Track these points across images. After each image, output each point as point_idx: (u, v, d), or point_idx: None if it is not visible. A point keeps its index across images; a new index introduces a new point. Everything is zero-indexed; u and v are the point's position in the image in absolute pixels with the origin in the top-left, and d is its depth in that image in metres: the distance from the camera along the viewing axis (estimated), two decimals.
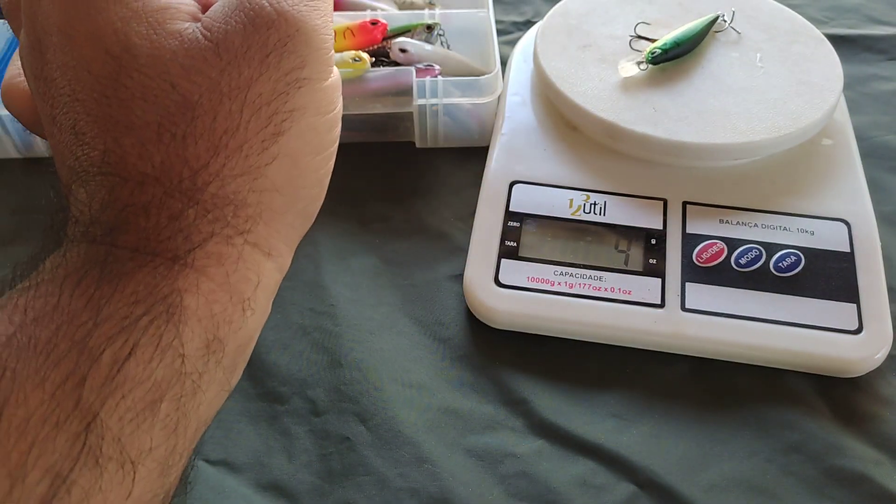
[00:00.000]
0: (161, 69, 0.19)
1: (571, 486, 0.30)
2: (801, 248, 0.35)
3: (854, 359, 0.32)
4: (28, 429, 0.16)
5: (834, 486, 0.30)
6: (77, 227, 0.19)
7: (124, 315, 0.17)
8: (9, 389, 0.16)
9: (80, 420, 0.16)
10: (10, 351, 0.16)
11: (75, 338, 0.17)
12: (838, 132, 0.40)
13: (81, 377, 0.16)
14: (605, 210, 0.37)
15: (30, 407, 0.16)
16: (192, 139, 0.19)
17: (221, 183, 0.19)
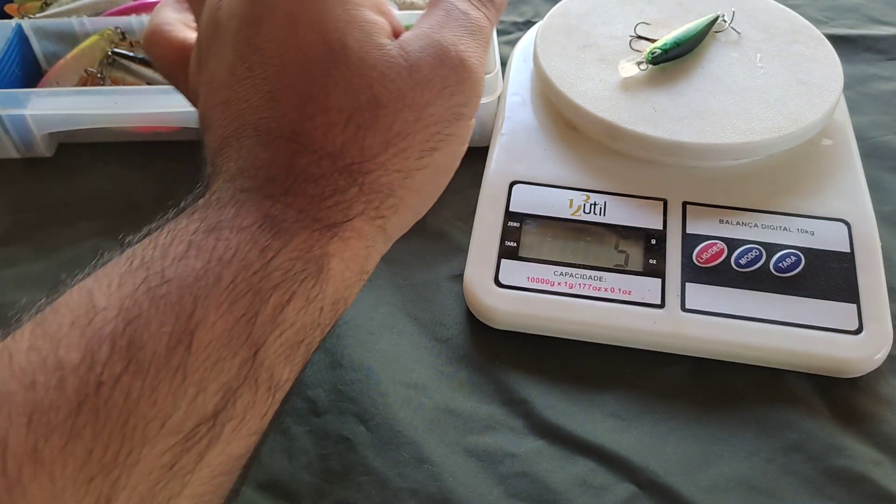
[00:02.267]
0: (364, 70, 0.22)
1: (571, 486, 0.30)
2: (801, 249, 0.35)
3: (854, 359, 0.32)
4: (213, 349, 0.19)
5: (834, 486, 0.30)
6: (244, 181, 0.22)
7: (287, 268, 0.20)
8: (200, 316, 0.19)
9: (249, 349, 0.20)
10: (201, 285, 0.19)
11: (251, 282, 0.20)
12: (838, 132, 0.40)
13: (254, 315, 0.20)
14: (605, 210, 0.37)
15: (215, 332, 0.19)
16: (372, 133, 0.22)
17: (382, 173, 0.23)
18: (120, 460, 0.17)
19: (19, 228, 0.40)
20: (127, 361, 0.18)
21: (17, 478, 0.16)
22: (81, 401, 0.17)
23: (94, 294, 0.19)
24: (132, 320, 0.18)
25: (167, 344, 0.18)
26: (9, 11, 0.49)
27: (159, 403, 0.18)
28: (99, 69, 0.45)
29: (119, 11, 0.48)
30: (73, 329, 0.18)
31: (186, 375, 0.18)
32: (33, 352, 0.18)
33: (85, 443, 0.17)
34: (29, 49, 0.46)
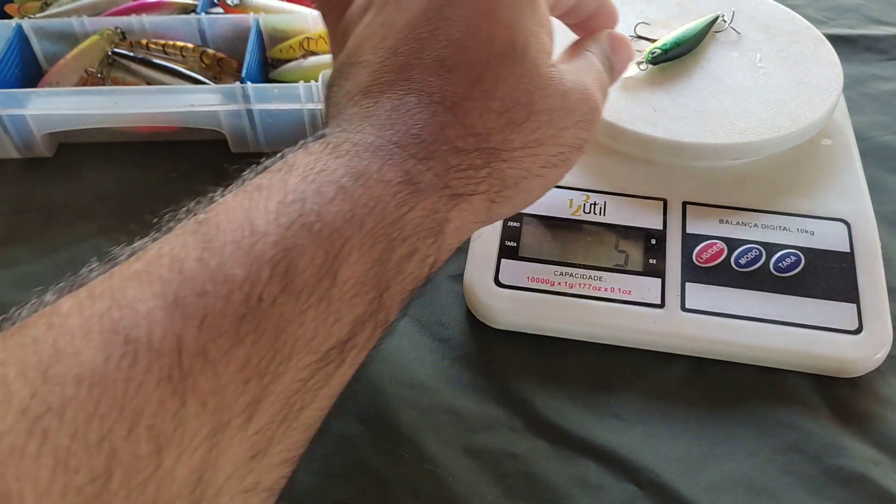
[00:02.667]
0: (533, 78, 0.26)
1: (571, 485, 0.30)
2: (800, 248, 0.35)
3: (854, 359, 0.32)
4: (351, 286, 0.21)
5: (833, 485, 0.30)
6: (393, 133, 0.24)
7: (416, 224, 0.23)
8: (345, 255, 0.21)
9: (377, 291, 0.22)
10: (347, 228, 0.21)
11: (387, 231, 0.22)
12: (838, 132, 0.40)
13: (386, 261, 0.22)
14: (605, 210, 0.37)
15: (355, 271, 0.21)
16: (518, 130, 0.25)
17: (511, 166, 0.26)
18: (271, 369, 0.20)
19: (19, 228, 0.40)
20: (283, 285, 0.20)
21: (189, 371, 0.18)
22: (244, 313, 0.19)
23: (254, 218, 0.21)
24: (290, 249, 0.20)
25: (317, 275, 0.20)
26: (9, 11, 0.49)
27: (305, 325, 0.20)
28: (99, 69, 0.45)
29: (119, 11, 0.48)
30: (237, 249, 0.20)
31: (329, 305, 0.21)
32: (201, 263, 0.20)
33: (245, 349, 0.19)
34: (29, 49, 0.46)
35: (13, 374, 0.17)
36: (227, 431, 0.19)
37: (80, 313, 0.19)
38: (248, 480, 0.20)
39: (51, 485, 0.16)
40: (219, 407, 0.19)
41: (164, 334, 0.18)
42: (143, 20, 0.46)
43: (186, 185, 0.42)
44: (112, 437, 0.17)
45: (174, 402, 0.18)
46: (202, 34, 0.46)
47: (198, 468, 0.18)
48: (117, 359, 0.18)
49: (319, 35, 0.44)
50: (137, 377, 0.18)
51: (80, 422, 0.17)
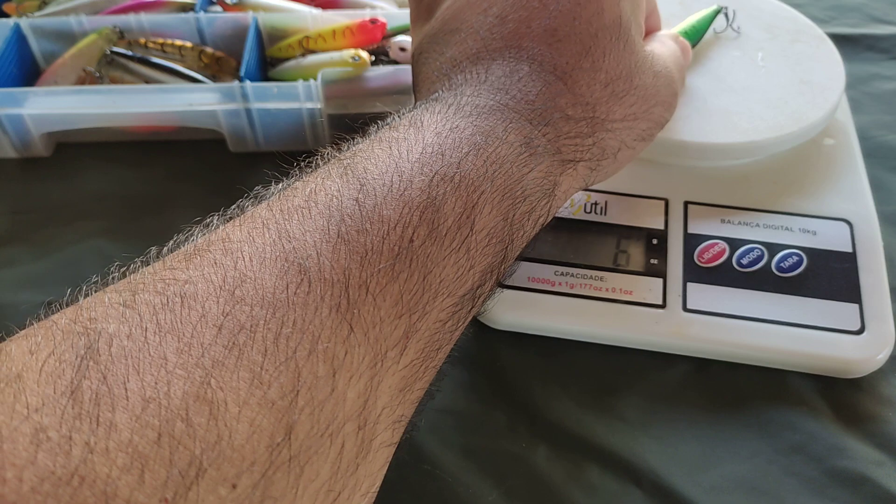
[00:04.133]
0: (633, 54, 0.28)
1: (572, 487, 0.30)
2: (803, 248, 0.35)
3: (856, 359, 0.32)
4: (484, 236, 0.23)
5: (836, 486, 0.30)
6: (509, 99, 0.26)
7: (535, 185, 0.25)
8: (480, 207, 0.23)
9: (503, 243, 0.24)
10: (481, 182, 0.23)
11: (512, 189, 0.24)
12: (840, 132, 0.40)
13: (511, 216, 0.24)
14: (606, 210, 0.36)
15: (487, 223, 0.23)
16: (619, 102, 0.28)
17: (612, 136, 0.28)
18: (419, 307, 0.21)
19: (18, 228, 0.40)
20: (430, 229, 0.21)
21: (354, 302, 0.20)
22: (398, 252, 0.21)
23: (401, 166, 0.22)
24: (435, 197, 0.22)
25: (458, 222, 0.22)
26: (7, 10, 0.49)
27: (447, 269, 0.22)
28: (97, 68, 0.44)
29: (117, 10, 0.47)
30: (389, 193, 0.21)
31: (468, 252, 0.22)
32: (358, 204, 0.21)
33: (399, 286, 0.21)
34: (27, 48, 0.45)
35: (203, 293, 0.18)
36: (384, 363, 0.20)
37: (251, 241, 0.20)
38: (398, 412, 0.22)
39: (249, 396, 0.17)
40: (378, 338, 0.20)
41: (332, 266, 0.20)
42: (142, 19, 0.45)
43: (185, 184, 0.42)
44: (297, 357, 0.18)
45: (343, 329, 0.19)
46: (201, 33, 0.46)
47: (363, 393, 0.19)
48: (295, 286, 0.19)
49: (318, 33, 0.44)
50: (313, 304, 0.19)
51: (269, 341, 0.18)
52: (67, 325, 0.18)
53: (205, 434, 0.16)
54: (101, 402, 0.16)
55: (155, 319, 0.18)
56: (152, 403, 0.16)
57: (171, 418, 0.16)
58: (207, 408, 0.17)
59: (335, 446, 0.19)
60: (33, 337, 0.17)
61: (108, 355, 0.17)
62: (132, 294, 0.18)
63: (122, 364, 0.17)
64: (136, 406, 0.16)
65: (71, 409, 0.16)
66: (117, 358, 0.17)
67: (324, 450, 0.18)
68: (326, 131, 0.42)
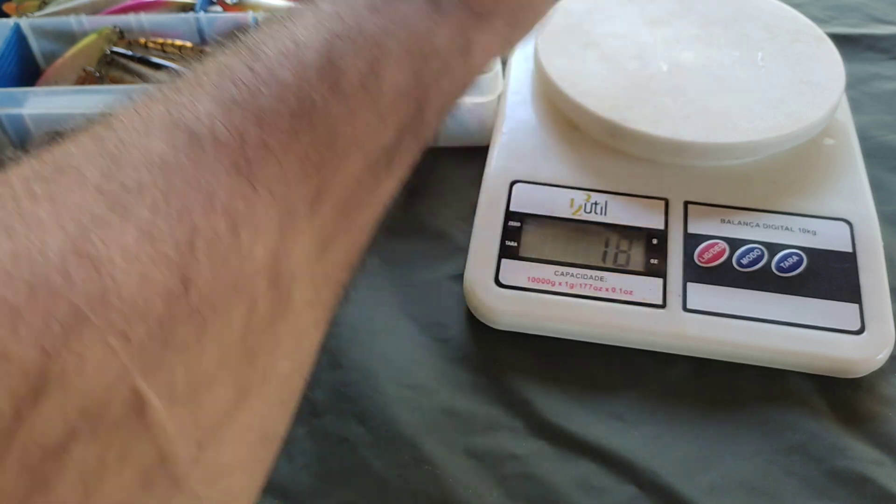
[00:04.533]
0: None
1: (572, 487, 0.30)
2: (802, 248, 0.35)
3: (856, 359, 0.32)
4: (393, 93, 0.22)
5: (836, 486, 0.30)
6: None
7: (445, 41, 0.24)
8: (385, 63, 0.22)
9: (416, 101, 0.23)
10: (383, 38, 0.22)
11: (420, 44, 0.23)
12: (840, 132, 0.40)
13: (421, 72, 0.23)
14: (607, 210, 0.36)
15: (395, 79, 0.22)
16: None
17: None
18: (327, 164, 0.21)
19: None
20: (331, 87, 0.21)
21: (253, 160, 0.19)
22: (297, 112, 0.20)
23: (296, 33, 0.22)
24: (335, 57, 0.21)
25: (361, 79, 0.21)
26: (7, 10, 0.49)
27: (356, 126, 0.21)
28: (97, 68, 0.44)
29: (117, 10, 0.47)
30: (284, 58, 0.21)
31: (376, 107, 0.22)
32: (251, 71, 0.20)
33: (303, 144, 0.20)
34: (27, 48, 0.45)
35: (83, 160, 0.17)
36: (295, 219, 0.20)
37: (136, 114, 0.19)
38: (319, 271, 0.21)
39: (139, 251, 0.16)
40: (285, 196, 0.19)
41: (225, 128, 0.19)
42: (142, 19, 0.45)
43: None
44: (191, 213, 0.17)
45: (243, 187, 0.19)
46: (201, 33, 0.46)
47: (272, 250, 0.19)
48: (184, 148, 0.18)
49: None
50: (207, 163, 0.18)
51: (158, 199, 0.17)
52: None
53: (86, 287, 0.15)
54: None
55: (28, 188, 0.17)
56: (23, 259, 0.15)
57: (47, 272, 0.15)
58: (89, 262, 0.16)
59: (243, 300, 0.18)
60: None
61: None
62: (4, 172, 0.17)
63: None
64: (4, 262, 0.15)
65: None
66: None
67: (230, 303, 0.18)
68: None
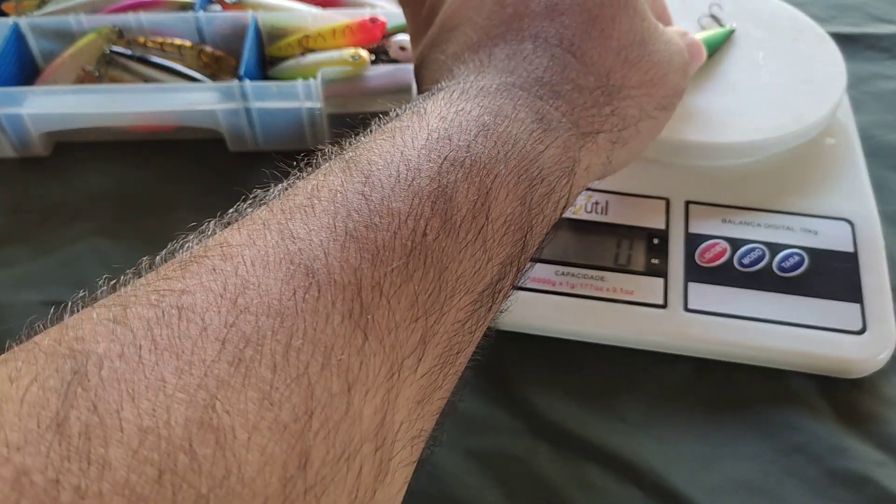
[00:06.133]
0: (641, 21, 0.27)
1: (573, 487, 0.30)
2: (804, 248, 0.35)
3: (858, 359, 0.32)
4: (501, 225, 0.21)
5: (837, 487, 0.30)
6: (515, 78, 0.25)
7: (552, 164, 0.23)
8: (495, 192, 0.21)
9: (522, 231, 0.22)
10: (494, 165, 0.21)
11: (528, 170, 0.22)
12: (841, 131, 0.40)
13: (529, 199, 0.22)
14: (607, 209, 0.36)
15: (504, 209, 0.21)
16: (634, 69, 0.27)
17: (631, 104, 0.27)
18: (436, 308, 0.19)
19: (17, 228, 0.40)
20: (443, 220, 0.20)
21: (368, 306, 0.18)
22: (411, 248, 0.19)
23: (407, 155, 0.21)
24: (446, 185, 0.20)
25: (472, 211, 0.20)
26: (6, 9, 0.49)
27: (464, 263, 0.20)
28: (96, 67, 0.44)
29: (116, 9, 0.47)
30: (397, 183, 0.20)
31: (485, 243, 0.21)
32: (364, 197, 0.19)
33: (414, 285, 0.19)
34: (26, 47, 0.45)
35: (202, 304, 0.16)
36: (402, 372, 0.18)
37: (252, 244, 0.18)
38: (416, 426, 0.20)
39: (259, 420, 0.15)
40: (394, 345, 0.18)
41: (342, 267, 0.18)
42: (141, 18, 0.45)
43: (184, 184, 0.42)
44: (309, 373, 0.16)
45: (357, 337, 0.17)
46: (200, 32, 0.46)
47: (380, 409, 0.18)
48: (303, 291, 0.17)
49: (318, 32, 0.43)
50: (324, 310, 0.17)
51: (278, 354, 0.16)
52: (51, 346, 0.15)
53: (211, 468, 0.14)
54: (92, 437, 0.14)
55: (150, 335, 0.16)
56: (151, 434, 0.14)
57: (173, 451, 0.14)
58: (213, 436, 0.14)
59: (352, 472, 0.17)
60: (13, 362, 0.15)
61: (97, 380, 0.15)
62: (123, 308, 0.16)
63: (115, 389, 0.14)
64: (132, 439, 0.14)
65: (58, 447, 0.13)
66: (108, 382, 0.15)
67: (340, 477, 0.16)
68: (326, 130, 0.42)
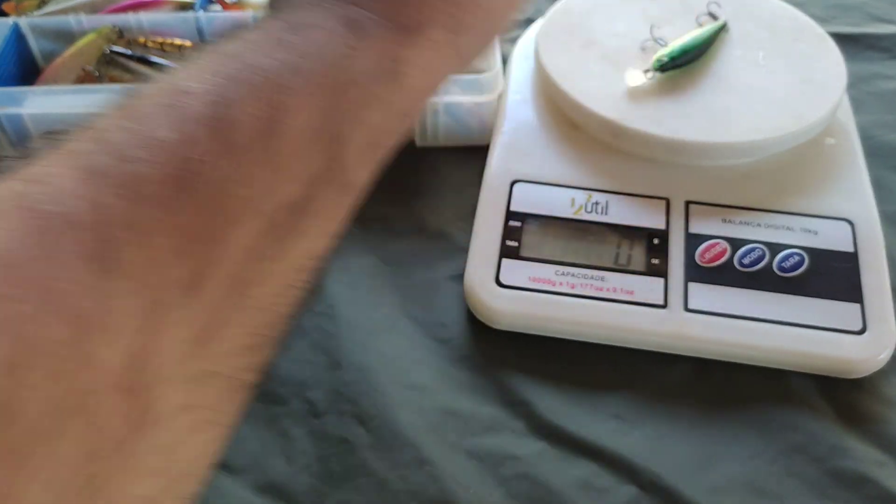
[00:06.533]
0: None
1: (573, 488, 0.30)
2: (804, 248, 0.35)
3: (858, 359, 0.32)
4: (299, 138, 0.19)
5: (837, 487, 0.30)
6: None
7: (367, 67, 0.21)
8: (287, 105, 0.19)
9: (332, 144, 0.20)
10: (287, 76, 0.20)
11: (335, 77, 0.20)
12: (842, 131, 0.40)
13: (337, 110, 0.20)
14: (608, 209, 0.36)
15: (301, 122, 0.19)
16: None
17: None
18: (213, 237, 0.18)
19: None
20: (222, 143, 0.18)
21: (116, 245, 0.16)
22: (180, 177, 0.17)
23: (186, 81, 0.19)
24: (224, 103, 0.18)
25: (258, 128, 0.19)
26: (6, 10, 0.49)
27: (250, 186, 0.18)
28: (97, 67, 0.44)
29: (116, 9, 0.47)
30: (169, 110, 0.18)
31: (276, 160, 0.19)
32: (127, 131, 0.18)
33: (184, 217, 0.17)
34: (26, 47, 0.45)
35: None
36: (164, 310, 0.17)
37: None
38: (196, 367, 0.18)
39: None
40: (153, 284, 0.17)
41: (84, 206, 0.16)
42: (141, 18, 0.45)
43: None
44: (19, 323, 0.15)
45: (100, 279, 0.16)
46: (200, 32, 0.46)
47: (130, 353, 0.16)
48: (36, 237, 0.16)
49: None
50: (57, 255, 0.16)
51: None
52: None
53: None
54: None
55: None
56: None
57: None
58: None
59: (81, 422, 0.16)
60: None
61: None
62: None
63: None
64: None
65: None
66: None
67: (61, 429, 0.15)
68: None
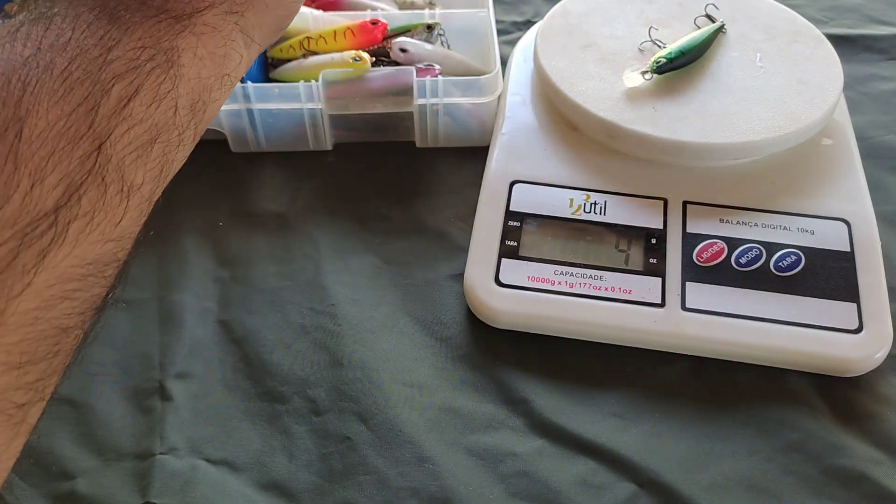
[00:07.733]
0: None
1: (572, 485, 0.30)
2: (801, 248, 0.35)
3: (854, 358, 0.32)
4: (48, 138, 0.18)
5: (834, 485, 0.30)
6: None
7: (131, 58, 0.19)
8: (30, 103, 0.17)
9: (92, 141, 0.18)
10: (28, 70, 0.18)
11: (88, 69, 0.18)
12: (838, 132, 0.40)
13: (95, 103, 0.18)
14: (606, 210, 0.37)
15: (49, 120, 0.18)
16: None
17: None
18: None
19: None
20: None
21: None
22: None
23: None
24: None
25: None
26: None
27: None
28: None
29: None
30: None
31: (18, 165, 0.17)
32: None
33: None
34: None
35: None
36: None
37: None
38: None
39: None
40: None
41: None
42: None
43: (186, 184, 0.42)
44: None
45: None
46: None
47: None
48: None
49: (319, 34, 0.44)
50: None
51: None
52: None
53: None
54: None
55: None
56: None
57: None
58: None
59: None
60: None
61: None
62: None
63: None
64: None
65: None
66: None
67: None
68: (327, 132, 0.42)
